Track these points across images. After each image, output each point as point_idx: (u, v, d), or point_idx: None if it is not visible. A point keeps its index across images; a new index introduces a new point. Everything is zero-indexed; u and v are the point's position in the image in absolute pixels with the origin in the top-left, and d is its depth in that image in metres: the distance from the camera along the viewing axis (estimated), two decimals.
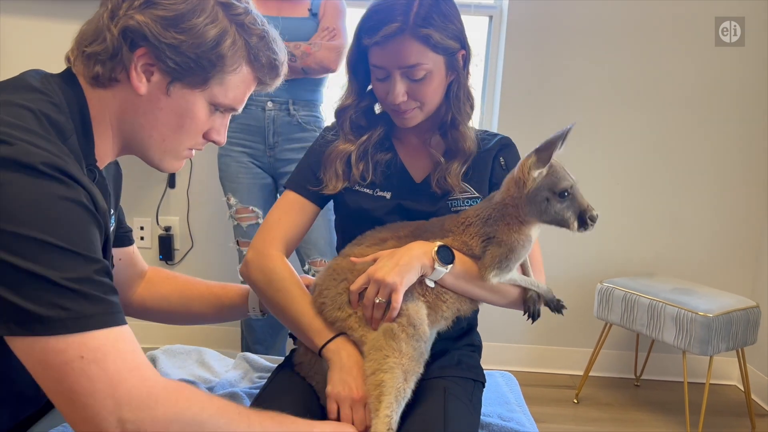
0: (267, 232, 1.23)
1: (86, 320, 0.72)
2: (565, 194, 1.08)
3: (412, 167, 1.30)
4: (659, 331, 2.28)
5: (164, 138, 0.92)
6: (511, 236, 1.12)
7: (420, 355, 1.05)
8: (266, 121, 2.21)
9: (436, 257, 1.10)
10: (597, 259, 2.79)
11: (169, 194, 2.78)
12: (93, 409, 0.72)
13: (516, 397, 1.58)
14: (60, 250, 0.71)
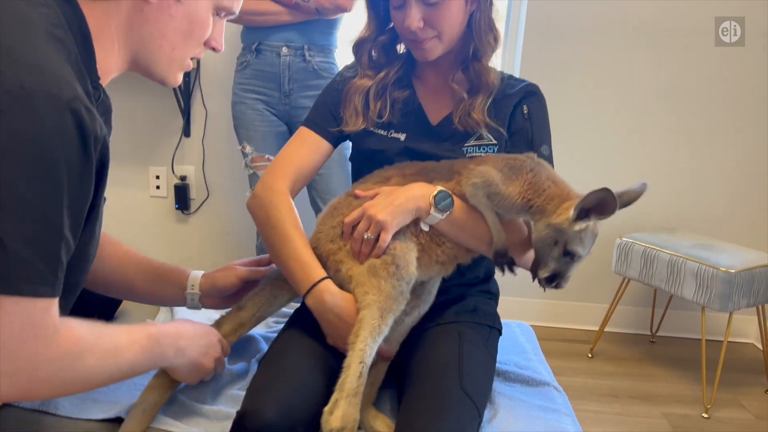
0: (277, 167, 1.22)
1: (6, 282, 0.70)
2: (570, 257, 1.05)
3: (429, 109, 1.26)
4: (678, 287, 2.25)
5: (174, 46, 0.90)
6: (518, 196, 1.08)
7: (399, 294, 1.04)
8: (281, 67, 2.16)
9: (433, 202, 1.08)
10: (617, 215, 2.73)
11: (184, 143, 2.76)
12: None
13: (533, 346, 1.57)
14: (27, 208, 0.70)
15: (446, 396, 1.01)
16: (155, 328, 0.96)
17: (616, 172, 2.72)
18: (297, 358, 1.07)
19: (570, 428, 1.17)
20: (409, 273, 1.06)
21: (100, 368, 0.84)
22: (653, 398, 2.29)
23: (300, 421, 0.97)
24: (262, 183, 1.21)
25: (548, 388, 1.32)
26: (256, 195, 1.20)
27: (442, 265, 1.14)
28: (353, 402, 0.96)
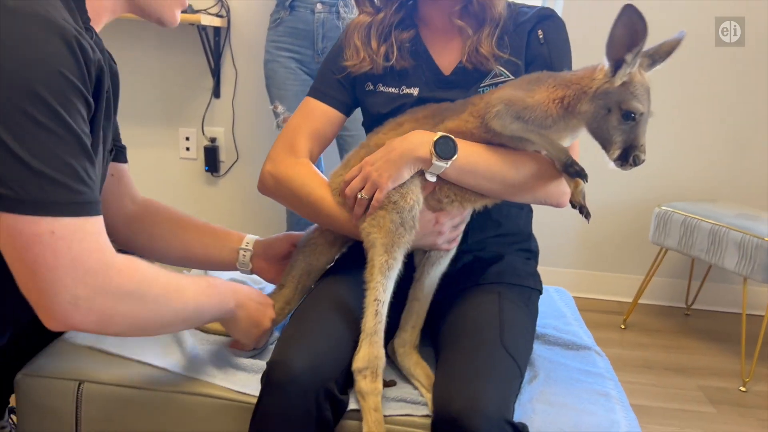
0: (285, 142, 1.17)
1: (61, 207, 0.74)
2: (631, 117, 0.92)
3: (439, 57, 1.18)
4: (720, 257, 2.19)
5: None
6: (547, 101, 0.97)
7: (400, 226, 1.01)
8: (315, 24, 2.11)
9: (433, 149, 1.00)
10: (655, 184, 2.68)
11: (214, 104, 2.73)
12: (52, 282, 0.74)
13: (572, 311, 1.53)
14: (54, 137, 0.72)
15: (487, 353, 0.97)
16: (214, 279, 0.99)
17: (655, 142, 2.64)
18: (327, 312, 1.05)
19: (613, 392, 1.14)
20: (410, 201, 1.01)
21: (166, 300, 0.87)
22: (688, 370, 2.25)
23: (329, 374, 0.95)
24: (271, 160, 1.16)
25: (590, 352, 1.29)
26: (267, 174, 1.15)
27: (459, 202, 1.07)
28: (374, 341, 0.97)
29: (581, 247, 2.80)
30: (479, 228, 1.18)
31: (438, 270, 1.14)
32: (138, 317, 0.85)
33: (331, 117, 1.19)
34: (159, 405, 1.04)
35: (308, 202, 1.12)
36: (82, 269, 0.76)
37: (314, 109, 1.19)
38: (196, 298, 0.93)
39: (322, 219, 1.13)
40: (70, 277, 0.75)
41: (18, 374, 1.05)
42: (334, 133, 1.21)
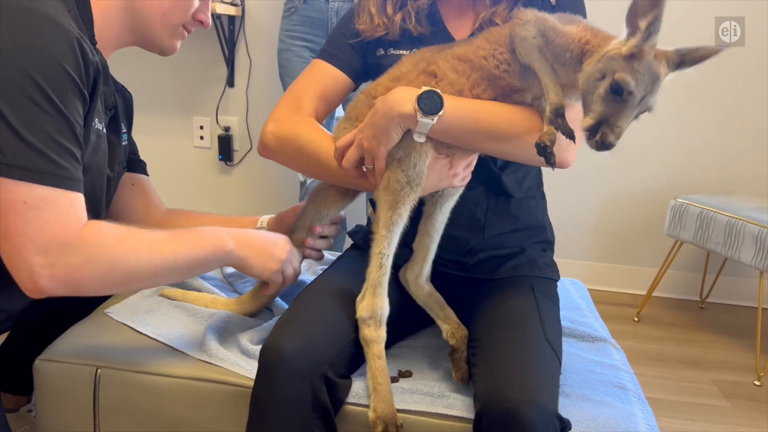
0: (290, 102, 1.14)
1: (41, 175, 0.81)
2: (619, 91, 0.84)
3: (454, 29, 1.16)
4: (736, 250, 2.16)
5: (164, 11, 1.04)
6: (571, 33, 0.92)
7: (406, 184, 0.99)
8: (329, 14, 2.10)
9: (417, 105, 0.94)
10: (671, 176, 2.66)
11: (228, 93, 2.73)
12: (18, 249, 0.82)
13: (587, 303, 1.53)
14: (46, 116, 0.81)
15: (535, 347, 0.96)
16: (209, 228, 1.03)
17: (673, 132, 2.62)
18: (321, 296, 1.05)
19: (629, 384, 1.13)
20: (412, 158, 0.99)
21: (137, 255, 0.90)
22: (702, 364, 2.23)
23: (322, 357, 0.95)
24: (273, 119, 1.13)
25: (605, 344, 1.29)
26: (269, 133, 1.12)
27: None
28: (378, 292, 0.98)
29: (595, 238, 2.78)
30: (497, 224, 1.17)
31: (449, 205, 1.12)
32: (109, 277, 0.89)
33: (339, 80, 1.17)
34: (175, 390, 1.05)
35: (317, 160, 1.09)
36: (45, 238, 0.82)
37: (322, 71, 1.17)
38: (178, 248, 0.95)
39: (330, 176, 1.11)
40: (34, 245, 0.81)
41: (37, 359, 1.06)
42: (341, 97, 1.19)
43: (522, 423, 0.82)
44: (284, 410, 0.92)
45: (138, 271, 0.91)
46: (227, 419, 1.04)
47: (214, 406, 1.04)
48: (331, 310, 1.02)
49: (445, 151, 1.03)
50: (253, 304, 1.23)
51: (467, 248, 1.16)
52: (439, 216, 1.12)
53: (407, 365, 1.10)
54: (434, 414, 0.99)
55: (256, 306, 1.23)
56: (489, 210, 1.16)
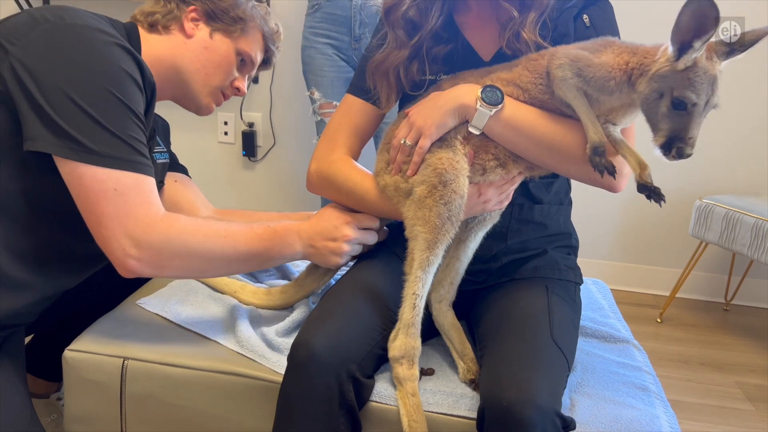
0: (327, 140, 1.18)
1: (125, 162, 0.93)
2: (682, 106, 0.86)
3: (479, 44, 1.14)
4: (763, 252, 2.13)
5: (208, 71, 1.18)
6: (612, 64, 0.93)
7: (447, 221, 0.99)
8: (353, 11, 2.10)
9: (479, 96, 0.98)
10: (697, 176, 2.62)
11: (252, 90, 2.75)
12: (109, 230, 0.93)
13: (609, 303, 1.52)
14: (119, 106, 0.93)
15: (538, 346, 0.97)
16: (279, 224, 1.10)
17: None
18: (353, 295, 1.06)
19: (652, 386, 1.12)
20: (459, 188, 0.99)
21: (211, 245, 1.00)
22: (726, 366, 2.20)
23: (351, 355, 0.96)
24: (315, 159, 1.18)
25: (628, 345, 1.28)
26: (312, 173, 1.18)
27: (502, 167, 1.04)
28: (411, 332, 0.99)
29: (619, 238, 2.75)
30: (519, 231, 1.17)
31: (483, 231, 1.13)
32: (186, 263, 1.00)
33: (370, 113, 1.19)
34: (200, 383, 1.07)
35: (354, 196, 1.14)
36: (133, 221, 0.93)
37: (353, 106, 1.19)
38: (249, 242, 1.04)
39: (368, 209, 1.15)
40: (122, 229, 0.92)
41: (66, 350, 1.09)
42: (374, 128, 1.22)
43: (518, 421, 0.83)
44: (313, 407, 0.93)
45: (212, 258, 1.01)
46: (252, 413, 1.06)
47: (240, 400, 1.06)
48: (361, 309, 1.04)
49: (477, 173, 1.03)
50: (285, 297, 1.26)
51: (491, 254, 1.16)
52: (472, 243, 1.13)
53: (429, 363, 1.11)
54: (457, 415, 0.99)
55: (289, 299, 1.26)
56: (513, 218, 1.16)
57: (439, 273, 1.11)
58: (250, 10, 1.22)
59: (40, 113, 0.89)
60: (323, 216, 1.14)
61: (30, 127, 0.90)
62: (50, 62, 0.90)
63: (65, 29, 0.93)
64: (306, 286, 1.25)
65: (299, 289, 1.25)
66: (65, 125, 0.89)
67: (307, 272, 1.24)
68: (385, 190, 1.09)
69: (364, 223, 1.15)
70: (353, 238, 1.13)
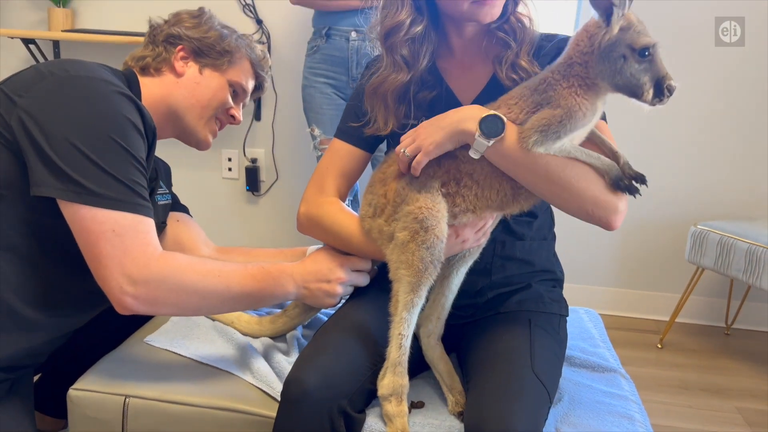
0: (316, 183, 1.24)
1: (124, 204, 0.97)
2: (646, 53, 0.94)
3: (460, 90, 1.19)
4: (757, 277, 2.15)
5: (202, 105, 1.24)
6: (573, 100, 0.98)
7: (430, 264, 1.03)
8: (350, 52, 2.19)
9: (479, 126, 1.00)
10: (691, 201, 2.66)
11: (255, 127, 2.83)
12: (107, 268, 0.97)
13: (600, 332, 1.54)
14: (120, 152, 0.98)
15: (519, 378, 1.01)
16: (272, 265, 1.13)
17: (692, 157, 2.62)
18: (343, 333, 1.10)
19: (637, 415, 1.16)
20: (440, 232, 1.03)
21: (205, 283, 1.04)
22: (726, 392, 2.21)
23: (342, 391, 1.00)
24: (305, 201, 1.23)
25: (615, 374, 1.31)
26: (301, 215, 1.23)
27: (472, 212, 1.08)
28: (398, 371, 1.02)
29: (618, 264, 2.78)
30: (503, 267, 1.21)
31: (465, 267, 1.17)
32: (180, 301, 1.03)
33: (356, 156, 1.24)
34: (200, 420, 1.11)
35: (340, 237, 1.19)
36: (130, 261, 0.97)
37: (340, 150, 1.24)
38: (243, 282, 1.08)
39: (353, 251, 1.20)
40: (120, 268, 0.96)
41: (70, 389, 1.14)
42: (360, 170, 1.27)
43: None
44: None
45: (206, 296, 1.05)
46: None
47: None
48: (351, 347, 1.08)
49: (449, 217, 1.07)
50: (274, 327, 1.32)
51: (477, 289, 1.21)
52: (455, 279, 1.17)
53: (420, 396, 1.15)
54: None
55: (278, 329, 1.31)
56: (495, 254, 1.20)
57: (426, 308, 1.16)
58: (234, 41, 1.28)
59: (46, 160, 0.95)
60: (317, 258, 1.19)
61: (36, 173, 0.96)
62: (55, 112, 0.96)
63: (69, 81, 0.99)
64: (295, 317, 1.31)
65: (288, 320, 1.31)
66: (69, 170, 0.94)
67: (295, 304, 1.30)
68: (369, 234, 1.14)
69: (356, 265, 1.19)
70: (346, 280, 1.17)
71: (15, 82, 1.01)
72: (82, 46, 2.73)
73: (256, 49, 1.34)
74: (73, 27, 2.73)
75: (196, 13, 1.30)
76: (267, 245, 2.93)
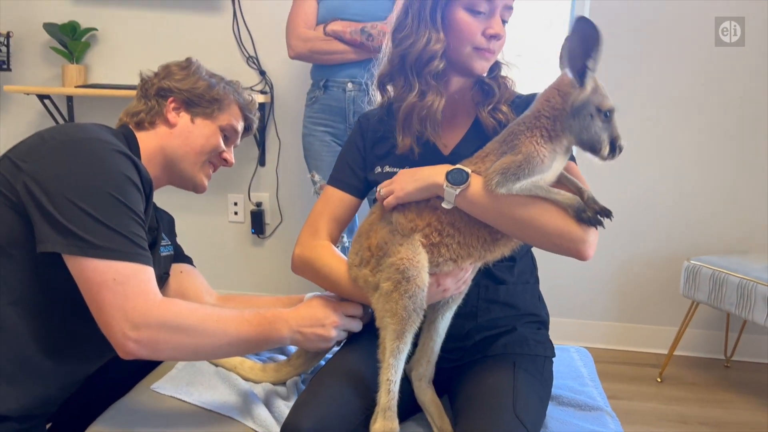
0: (310, 227, 1.32)
1: (124, 254, 1.04)
2: (608, 115, 1.05)
3: (439, 140, 1.28)
4: (749, 311, 2.20)
5: (196, 152, 1.33)
6: (532, 147, 1.07)
7: (413, 312, 1.09)
8: (347, 102, 2.30)
9: (445, 178, 1.11)
10: (685, 235, 2.71)
11: (260, 172, 2.94)
12: (110, 317, 1.02)
13: (589, 371, 1.59)
14: (119, 207, 1.05)
15: (500, 421, 1.06)
16: (268, 310, 1.18)
17: (684, 192, 2.68)
18: (337, 378, 1.16)
19: None
20: (422, 282, 1.10)
21: (204, 329, 1.09)
22: (726, 425, 2.23)
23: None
24: (299, 244, 1.31)
25: (601, 413, 1.35)
26: (296, 257, 1.31)
27: (453, 261, 1.15)
28: (388, 415, 1.07)
29: (615, 298, 2.82)
30: (488, 310, 1.27)
31: (450, 312, 1.23)
32: (180, 345, 1.08)
33: (347, 202, 1.33)
34: None
35: (329, 280, 1.26)
36: (131, 307, 1.02)
37: (332, 196, 1.33)
38: (239, 327, 1.13)
39: (341, 293, 1.27)
40: (122, 314, 1.02)
41: None
42: (351, 215, 1.35)
43: None
44: None
45: (204, 341, 1.09)
46: None
47: None
48: (344, 392, 1.14)
49: (431, 270, 1.14)
50: (278, 375, 1.38)
51: (464, 332, 1.27)
52: (441, 323, 1.23)
53: None
54: None
55: (282, 377, 1.37)
56: (480, 298, 1.26)
57: (416, 353, 1.22)
58: (222, 89, 1.37)
59: (50, 219, 1.02)
60: (312, 304, 1.25)
61: (41, 231, 1.03)
62: (55, 173, 1.04)
63: (68, 143, 1.07)
64: (298, 366, 1.37)
65: (291, 369, 1.37)
66: (71, 226, 1.01)
67: (299, 354, 1.36)
68: (356, 281, 1.21)
69: (349, 311, 1.25)
70: (339, 325, 1.23)
71: (20, 148, 1.10)
72: (95, 101, 2.87)
73: (244, 94, 1.42)
74: (86, 82, 2.87)
75: (184, 64, 1.38)
76: (272, 285, 3.03)
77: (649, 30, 2.61)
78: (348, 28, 2.24)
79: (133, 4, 2.85)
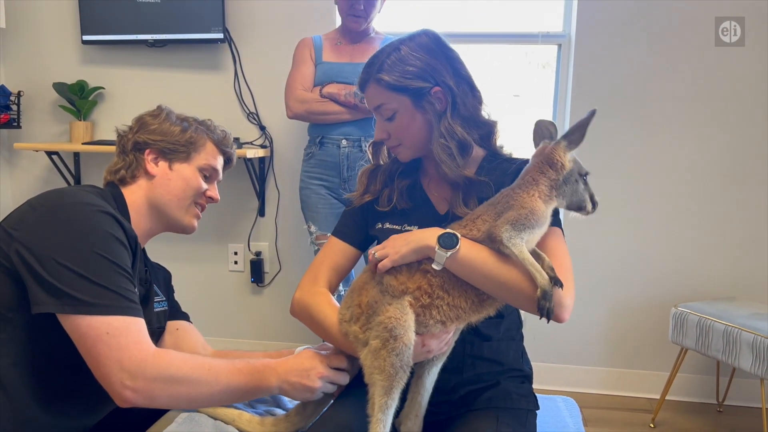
0: (311, 274, 1.39)
1: (115, 308, 1.09)
2: (585, 178, 1.22)
3: (434, 198, 1.38)
4: (736, 358, 2.24)
5: (179, 197, 1.39)
6: (533, 202, 1.17)
7: (400, 369, 1.14)
8: (341, 157, 2.40)
9: (437, 241, 1.17)
10: (673, 282, 2.76)
11: (259, 222, 3.03)
12: (107, 369, 1.07)
13: (575, 421, 1.63)
14: (106, 264, 1.11)
15: None
16: (258, 361, 1.23)
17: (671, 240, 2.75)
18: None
19: None
20: (409, 340, 1.16)
21: (196, 376, 1.14)
22: None
23: None
24: (300, 289, 1.38)
25: None
26: (295, 301, 1.37)
27: (442, 323, 1.20)
28: None
29: (607, 344, 2.86)
30: (473, 365, 1.33)
31: (436, 368, 1.29)
32: (175, 393, 1.12)
33: (348, 252, 1.42)
34: None
35: (322, 327, 1.32)
36: (126, 357, 1.07)
37: (335, 246, 1.42)
38: (229, 376, 1.18)
39: (332, 341, 1.32)
40: (118, 365, 1.07)
41: None
42: (351, 265, 1.43)
43: None
44: None
45: (198, 390, 1.14)
46: None
47: None
48: None
49: (419, 327, 1.20)
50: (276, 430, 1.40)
51: (450, 386, 1.32)
52: (428, 378, 1.28)
53: None
54: None
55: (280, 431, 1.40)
56: (465, 353, 1.33)
57: (405, 407, 1.28)
58: (195, 131, 1.43)
59: (42, 281, 1.08)
60: (300, 355, 1.31)
61: (35, 294, 1.08)
62: (43, 238, 1.10)
63: (55, 209, 1.14)
64: (296, 422, 1.41)
65: (289, 424, 1.42)
66: (62, 287, 1.06)
67: (297, 410, 1.42)
68: (346, 336, 1.27)
69: (334, 363, 1.30)
70: (325, 376, 1.28)
71: (12, 217, 1.16)
72: (101, 156, 2.99)
73: (216, 130, 1.47)
74: (92, 138, 2.99)
75: (156, 112, 1.45)
76: (270, 333, 3.10)
77: (649, 30, 2.66)
78: (343, 91, 2.36)
79: (139, 63, 2.99)
